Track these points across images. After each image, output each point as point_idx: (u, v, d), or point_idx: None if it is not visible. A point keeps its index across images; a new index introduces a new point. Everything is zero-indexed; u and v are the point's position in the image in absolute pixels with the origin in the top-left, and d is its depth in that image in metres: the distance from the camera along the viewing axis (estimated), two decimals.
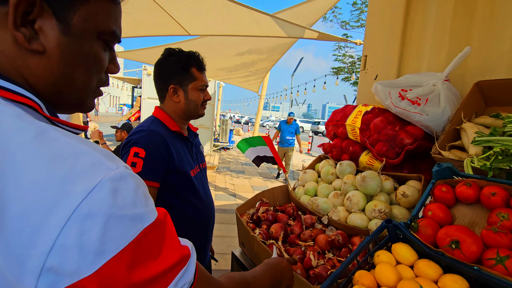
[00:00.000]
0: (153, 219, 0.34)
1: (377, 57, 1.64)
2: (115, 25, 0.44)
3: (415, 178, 1.13)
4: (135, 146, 0.95)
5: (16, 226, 0.27)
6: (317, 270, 0.90)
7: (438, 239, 0.77)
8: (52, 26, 0.37)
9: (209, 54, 5.46)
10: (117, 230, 0.30)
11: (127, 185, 0.32)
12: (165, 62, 1.08)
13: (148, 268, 0.32)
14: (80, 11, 0.38)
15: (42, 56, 0.37)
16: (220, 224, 3.78)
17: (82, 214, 0.28)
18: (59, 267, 0.27)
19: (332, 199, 1.23)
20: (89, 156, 0.32)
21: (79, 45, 0.39)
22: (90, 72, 0.42)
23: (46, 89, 0.39)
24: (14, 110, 0.32)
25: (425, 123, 1.14)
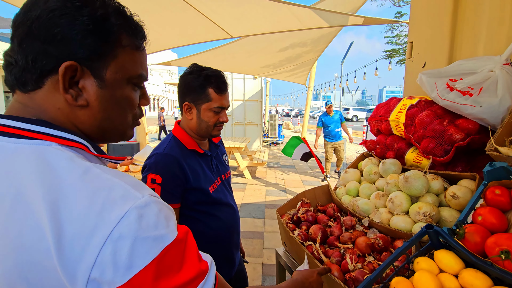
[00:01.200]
0: (173, 238, 0.41)
1: (424, 43, 1.50)
2: (141, 69, 0.52)
3: (468, 177, 1.03)
4: (151, 172, 1.01)
5: (69, 246, 0.36)
6: (354, 274, 0.90)
7: (487, 248, 0.71)
8: (91, 83, 0.46)
9: (252, 54, 5.56)
10: (143, 249, 0.37)
11: (151, 211, 0.40)
12: (184, 78, 1.11)
13: (171, 280, 0.39)
14: (111, 66, 0.47)
15: (86, 108, 0.47)
16: (271, 220, 3.87)
17: (115, 237, 0.36)
18: (100, 278, 0.36)
19: (374, 200, 1.19)
20: (120, 188, 0.40)
21: (113, 93, 0.48)
22: (124, 112, 0.52)
23: (93, 131, 0.49)
24: (68, 154, 0.42)
25: (478, 115, 1.02)
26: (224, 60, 5.92)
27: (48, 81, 0.44)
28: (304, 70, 8.15)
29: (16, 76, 0.44)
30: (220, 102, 1.10)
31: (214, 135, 1.16)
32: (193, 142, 1.13)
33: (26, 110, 0.45)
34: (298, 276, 0.78)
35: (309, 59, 6.79)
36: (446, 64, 1.37)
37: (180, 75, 1.15)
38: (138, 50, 0.51)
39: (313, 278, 0.78)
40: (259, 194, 4.97)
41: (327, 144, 5.72)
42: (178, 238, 0.42)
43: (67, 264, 0.35)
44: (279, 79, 8.90)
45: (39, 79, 0.44)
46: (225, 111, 1.15)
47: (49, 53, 0.42)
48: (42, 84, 0.44)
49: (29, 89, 0.45)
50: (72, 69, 0.43)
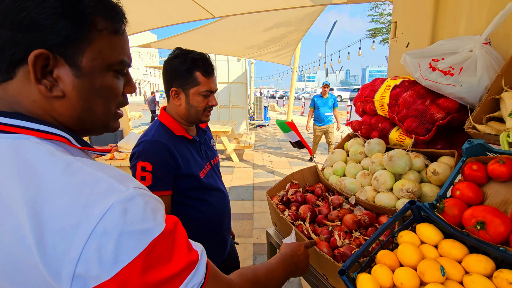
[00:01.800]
0: (160, 230, 0.40)
1: (408, 22, 1.51)
2: (122, 54, 0.49)
3: (448, 154, 1.08)
4: (140, 160, 0.99)
5: (51, 244, 0.34)
6: (342, 249, 0.95)
7: (464, 220, 0.76)
8: (66, 72, 0.43)
9: (236, 34, 5.41)
10: (129, 243, 0.37)
11: (136, 204, 0.39)
12: (170, 63, 1.07)
13: (160, 272, 0.39)
14: (87, 53, 0.44)
15: (63, 99, 0.44)
16: (260, 201, 3.95)
17: (100, 233, 0.35)
18: (86, 274, 0.35)
19: (360, 179, 1.24)
20: (104, 182, 0.38)
21: (92, 82, 0.45)
22: (106, 101, 0.49)
23: (73, 123, 0.47)
24: (47, 148, 0.40)
25: (458, 94, 1.06)
26: (207, 41, 5.74)
27: (20, 71, 0.41)
28: (288, 51, 8.06)
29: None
30: (208, 86, 1.08)
31: (203, 121, 1.14)
32: (181, 128, 1.11)
33: (0, 102, 0.42)
34: (287, 249, 0.80)
35: (293, 39, 6.70)
36: (429, 44, 1.39)
37: (165, 59, 1.10)
38: (117, 34, 0.47)
39: (301, 251, 0.81)
40: (247, 177, 5.03)
41: (316, 128, 5.57)
42: (166, 230, 0.41)
43: (50, 262, 0.35)
44: (264, 60, 8.77)
45: (9, 69, 0.41)
46: (214, 94, 1.13)
47: (17, 41, 0.39)
48: (14, 75, 0.41)
49: (1, 80, 0.42)
50: (43, 57, 0.40)
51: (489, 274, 0.67)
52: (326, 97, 5.43)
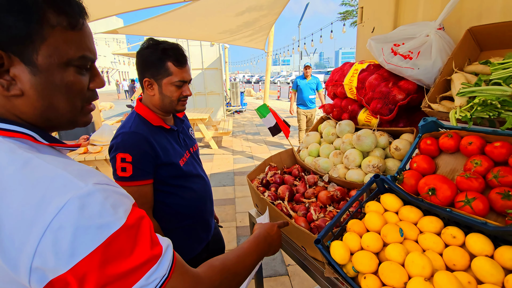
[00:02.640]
0: (120, 225, 0.41)
1: (373, 8, 1.59)
2: (82, 50, 0.47)
3: (408, 132, 1.20)
4: (119, 152, 1.01)
5: (9, 238, 0.36)
6: (317, 222, 1.05)
7: (419, 188, 0.88)
8: (22, 70, 0.43)
9: (208, 19, 5.27)
10: (86, 237, 0.38)
11: (94, 200, 0.40)
12: (141, 53, 1.07)
13: (119, 265, 0.40)
14: (42, 50, 0.43)
15: (23, 97, 0.44)
16: (241, 186, 4.05)
17: (55, 227, 0.36)
18: (43, 267, 0.37)
19: (332, 158, 1.34)
20: (62, 179, 0.40)
21: (50, 79, 0.45)
22: (69, 98, 0.48)
23: (37, 121, 0.47)
24: (8, 145, 0.41)
25: (416, 77, 1.16)
26: (178, 26, 5.55)
27: None
28: (262, 35, 7.98)
29: None
30: (181, 76, 1.08)
31: (178, 110, 1.15)
32: (158, 118, 1.12)
33: None
34: (261, 230, 0.83)
35: (266, 23, 6.63)
36: (392, 29, 1.49)
37: (137, 50, 1.10)
38: (74, 29, 0.46)
39: (274, 231, 0.85)
40: (227, 163, 5.08)
41: (300, 112, 5.26)
42: (127, 225, 0.42)
43: (8, 256, 0.36)
44: (238, 45, 8.64)
45: None
46: (188, 85, 1.14)
47: None
48: None
49: None
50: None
51: (438, 232, 0.79)
52: (309, 79, 5.17)
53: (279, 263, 2.39)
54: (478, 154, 0.84)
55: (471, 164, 0.82)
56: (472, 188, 0.78)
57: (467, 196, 0.76)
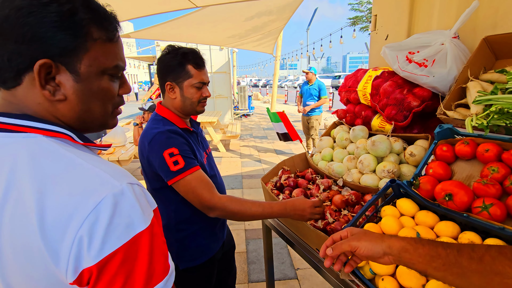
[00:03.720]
0: (145, 227, 0.45)
1: (387, 16, 1.62)
2: (116, 59, 0.53)
3: (423, 138, 1.22)
4: (164, 150, 1.03)
5: (52, 228, 0.40)
6: (333, 225, 1.07)
7: (435, 193, 0.89)
8: (67, 78, 0.48)
9: (218, 24, 5.35)
10: (114, 233, 0.41)
11: (126, 199, 0.43)
12: (162, 59, 1.13)
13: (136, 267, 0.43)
14: (84, 60, 0.48)
15: (65, 102, 0.49)
16: (249, 189, 4.07)
17: (92, 220, 0.40)
18: (78, 256, 0.40)
19: (346, 163, 1.36)
20: (99, 177, 0.44)
21: (89, 86, 0.50)
22: (103, 103, 0.54)
23: (75, 123, 0.52)
24: (52, 146, 0.46)
25: (431, 84, 1.18)
26: (187, 31, 5.64)
27: (26, 78, 0.46)
28: (271, 40, 8.05)
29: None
30: (200, 78, 1.13)
31: (199, 111, 1.20)
32: (181, 120, 1.17)
33: (10, 106, 0.48)
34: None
35: (275, 28, 6.69)
36: (406, 37, 1.51)
37: (158, 57, 1.16)
38: (111, 41, 0.52)
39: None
40: (235, 166, 5.12)
41: (302, 118, 5.11)
42: (150, 228, 0.46)
43: (51, 246, 0.40)
44: (247, 49, 8.73)
45: (16, 77, 0.45)
46: (207, 86, 1.18)
47: (22, 52, 0.44)
48: (21, 81, 0.46)
49: (9, 86, 0.46)
50: (47, 66, 0.45)
51: (455, 236, 0.81)
52: (311, 84, 4.95)
53: (288, 267, 2.41)
54: (495, 161, 0.85)
55: (488, 171, 0.84)
56: (490, 194, 0.80)
57: (485, 202, 0.78)
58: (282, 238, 1.39)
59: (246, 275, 2.32)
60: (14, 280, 0.42)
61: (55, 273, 0.41)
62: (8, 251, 0.41)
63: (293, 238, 1.31)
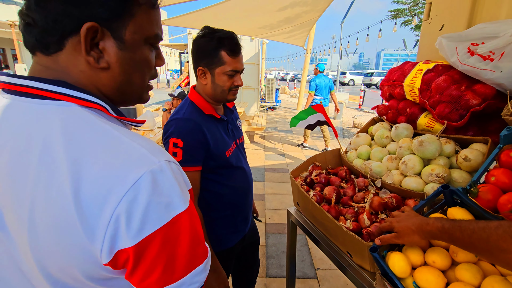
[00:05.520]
0: (184, 207, 0.42)
1: (443, 4, 1.45)
2: (157, 28, 0.50)
3: (480, 141, 1.08)
4: (172, 137, 1.03)
5: (87, 202, 0.37)
6: (370, 229, 0.98)
7: (499, 205, 0.77)
8: (111, 44, 0.45)
9: (250, 13, 5.26)
10: (154, 214, 0.38)
11: (165, 177, 0.40)
12: (197, 42, 1.08)
13: (177, 248, 0.40)
14: (130, 26, 0.46)
15: (108, 71, 0.46)
16: (271, 183, 4.02)
17: (130, 198, 0.37)
18: (115, 236, 0.37)
19: (386, 163, 1.25)
20: (138, 152, 0.40)
21: (132, 54, 0.47)
22: (143, 73, 0.51)
23: (114, 94, 0.49)
24: (88, 116, 0.43)
25: (497, 81, 1.03)
26: (219, 20, 5.61)
27: (68, 42, 0.43)
28: (303, 32, 7.82)
29: (36, 37, 0.43)
30: (234, 65, 1.08)
31: (229, 100, 1.16)
32: (210, 107, 1.13)
33: (47, 72, 0.44)
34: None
35: (308, 20, 6.48)
36: (465, 28, 1.35)
37: (193, 39, 1.11)
38: (153, 8, 0.49)
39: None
40: (258, 158, 5.08)
41: None
42: (189, 209, 0.43)
43: (86, 221, 0.37)
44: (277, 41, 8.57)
45: (60, 40, 0.43)
46: (240, 74, 1.13)
47: (70, 13, 0.41)
48: (63, 46, 0.43)
49: (51, 51, 0.44)
50: (93, 30, 0.42)
51: None
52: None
53: (308, 265, 2.33)
54: None
55: None
56: None
57: None
58: (308, 236, 1.32)
59: (265, 269, 2.28)
60: (47, 257, 0.39)
61: (91, 250, 0.38)
62: (42, 225, 0.38)
63: (319, 236, 1.24)
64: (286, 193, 3.68)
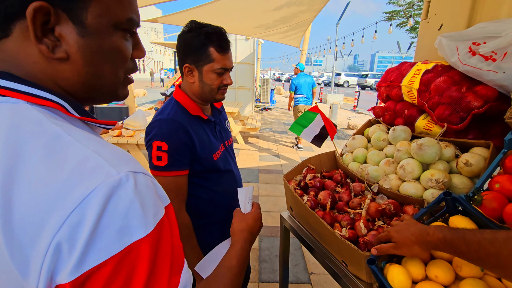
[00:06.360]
0: (146, 233, 0.33)
1: (443, 2, 1.40)
2: (131, 11, 0.42)
3: (481, 145, 1.03)
4: (156, 139, 0.95)
5: (20, 227, 0.29)
6: (367, 237, 0.93)
7: (506, 214, 0.72)
8: (70, 30, 0.37)
9: (246, 12, 5.21)
10: (102, 241, 0.30)
11: (123, 194, 0.32)
12: (183, 37, 1.00)
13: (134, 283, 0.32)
14: (92, 7, 0.38)
15: (67, 62, 0.39)
16: (265, 184, 3.96)
17: (74, 222, 0.30)
18: (54, 269, 0.30)
19: (384, 167, 1.20)
20: (92, 162, 0.33)
21: (99, 42, 0.40)
22: (115, 65, 0.43)
23: (79, 90, 0.42)
24: (36, 115, 0.35)
25: (499, 82, 0.99)
26: (214, 18, 5.53)
27: (16, 27, 0.35)
28: (298, 32, 7.78)
29: None
30: (223, 63, 1.01)
31: (218, 99, 1.09)
32: (196, 107, 1.06)
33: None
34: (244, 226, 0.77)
35: (304, 20, 6.44)
36: (465, 27, 1.30)
37: (179, 34, 1.03)
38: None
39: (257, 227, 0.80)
40: (252, 159, 5.01)
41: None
42: (154, 234, 0.34)
43: (18, 251, 0.29)
44: (272, 41, 8.51)
45: (4, 25, 0.35)
46: (229, 72, 1.06)
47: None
48: (10, 32, 0.36)
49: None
50: (44, 11, 0.34)
51: None
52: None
53: (301, 270, 2.28)
54: None
55: None
56: None
57: None
58: (302, 243, 1.26)
59: (257, 274, 2.22)
60: None
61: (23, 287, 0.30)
62: None
63: (313, 243, 1.18)
64: (280, 195, 3.62)
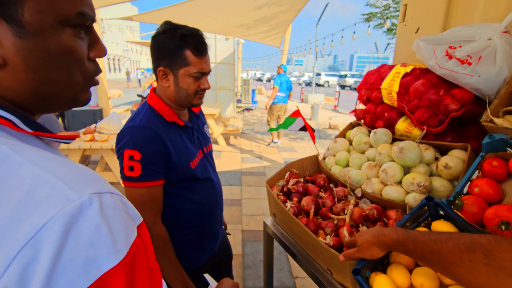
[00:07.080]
0: (117, 261, 0.29)
1: (419, 6, 1.43)
2: (81, 4, 0.36)
3: (460, 148, 1.05)
4: (127, 148, 0.89)
5: None
6: None
7: (486, 219, 0.73)
8: (4, 31, 0.31)
9: (226, 11, 5.14)
10: (65, 277, 0.26)
11: (87, 220, 0.28)
12: (157, 38, 0.94)
13: None
14: (28, 2, 0.32)
15: (6, 68, 0.33)
16: (248, 187, 3.91)
17: (25, 261, 0.25)
18: None
19: (366, 170, 1.19)
20: (48, 186, 0.28)
21: (42, 43, 0.34)
22: (68, 69, 0.37)
23: (27, 99, 0.36)
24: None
25: (475, 85, 1.01)
26: (194, 17, 5.42)
27: None
28: (279, 32, 7.81)
29: None
30: (199, 67, 0.95)
31: (195, 104, 1.03)
32: (172, 112, 1.00)
33: None
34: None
35: (284, 20, 6.47)
36: (441, 31, 1.33)
37: (152, 35, 0.96)
38: None
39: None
40: (235, 162, 4.96)
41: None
42: (127, 260, 0.31)
43: None
44: (253, 41, 8.48)
45: None
46: (206, 76, 1.01)
47: None
48: None
49: None
50: None
51: None
52: None
53: (286, 275, 2.26)
54: None
55: None
56: None
57: None
58: (286, 250, 1.23)
59: (241, 280, 2.17)
60: None
61: None
62: None
63: (297, 250, 1.15)
64: (264, 198, 3.59)
